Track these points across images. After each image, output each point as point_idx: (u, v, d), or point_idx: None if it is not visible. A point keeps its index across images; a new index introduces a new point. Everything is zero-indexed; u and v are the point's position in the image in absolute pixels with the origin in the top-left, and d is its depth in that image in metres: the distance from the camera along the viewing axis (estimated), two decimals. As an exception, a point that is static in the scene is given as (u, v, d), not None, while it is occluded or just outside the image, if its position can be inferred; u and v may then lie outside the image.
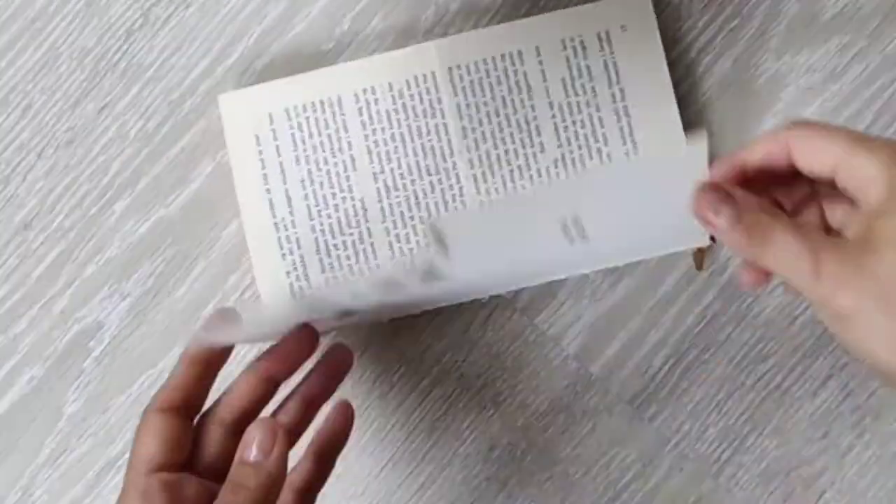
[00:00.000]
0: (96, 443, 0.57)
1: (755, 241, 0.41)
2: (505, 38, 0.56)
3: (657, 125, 0.55)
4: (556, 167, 0.55)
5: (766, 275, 0.44)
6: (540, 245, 0.46)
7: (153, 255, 0.58)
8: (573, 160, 0.55)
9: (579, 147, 0.55)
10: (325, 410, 0.51)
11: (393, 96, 0.56)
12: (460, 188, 0.55)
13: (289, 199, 0.56)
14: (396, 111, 0.56)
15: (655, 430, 0.58)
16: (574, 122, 0.55)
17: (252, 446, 0.44)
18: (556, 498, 0.57)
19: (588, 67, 0.56)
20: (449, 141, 0.55)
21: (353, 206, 0.55)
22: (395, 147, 0.56)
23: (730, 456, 0.58)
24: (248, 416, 0.48)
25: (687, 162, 0.45)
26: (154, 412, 0.46)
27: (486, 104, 0.56)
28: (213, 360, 0.48)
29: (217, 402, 0.48)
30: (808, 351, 0.57)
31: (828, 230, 0.44)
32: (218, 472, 0.46)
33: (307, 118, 0.56)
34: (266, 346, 0.49)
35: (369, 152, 0.56)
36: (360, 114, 0.56)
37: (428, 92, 0.56)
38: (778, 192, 0.46)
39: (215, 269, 0.58)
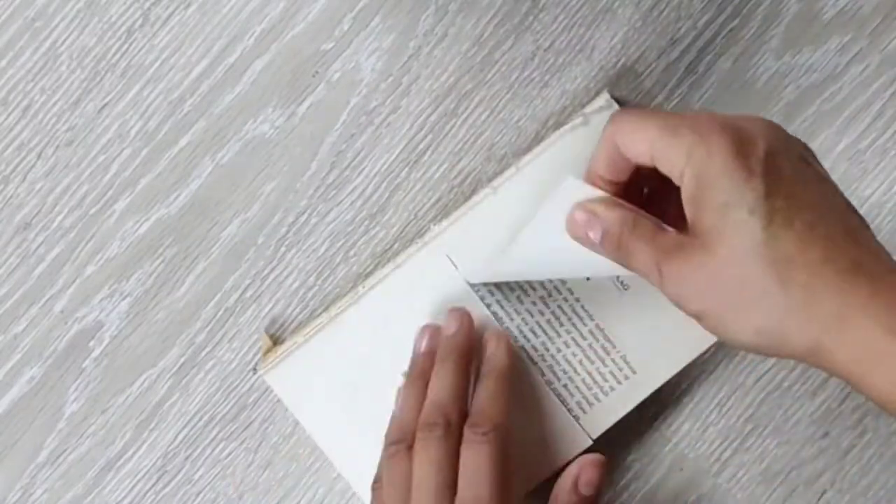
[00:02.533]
0: (96, 443, 0.57)
1: (620, 253, 0.46)
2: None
3: None
4: None
5: None
6: None
7: (153, 255, 0.58)
8: None
9: None
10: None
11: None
12: None
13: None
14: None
15: (655, 430, 0.58)
16: None
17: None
18: (557, 498, 0.57)
19: None
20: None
21: None
22: None
23: (730, 456, 0.58)
24: None
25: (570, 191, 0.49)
26: None
27: None
28: None
29: None
30: (808, 351, 0.57)
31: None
32: None
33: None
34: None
35: None
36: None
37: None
38: (646, 182, 0.49)
39: (215, 269, 0.58)
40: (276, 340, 0.57)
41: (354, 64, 0.58)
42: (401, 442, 0.51)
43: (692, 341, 0.55)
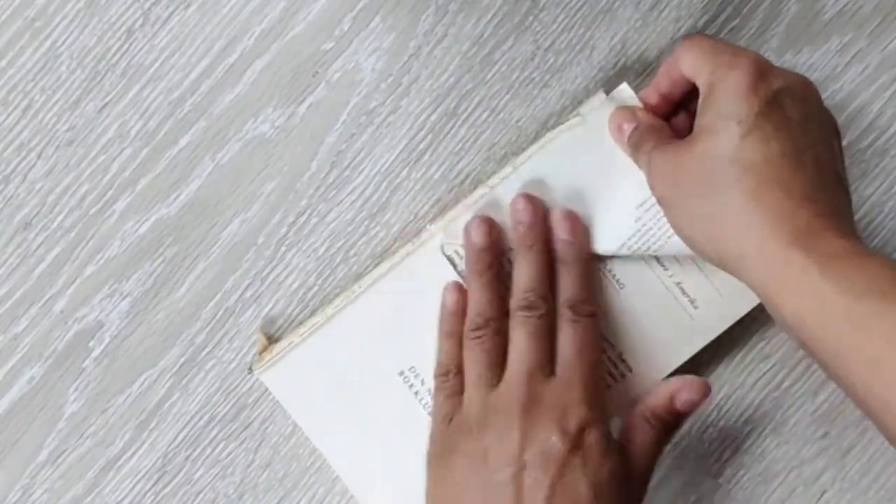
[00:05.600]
0: (96, 443, 0.57)
1: (633, 148, 0.52)
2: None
3: None
4: None
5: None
6: None
7: (153, 255, 0.58)
8: None
9: None
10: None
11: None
12: None
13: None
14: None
15: (656, 429, 0.58)
16: None
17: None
18: (557, 498, 0.57)
19: None
20: None
21: None
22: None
23: (730, 456, 0.58)
24: None
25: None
26: None
27: None
28: None
29: None
30: (808, 351, 0.57)
31: None
32: None
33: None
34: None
35: None
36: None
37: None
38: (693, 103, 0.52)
39: (215, 269, 0.58)
40: (271, 339, 0.57)
41: (354, 64, 0.58)
42: (486, 326, 0.53)
43: (688, 340, 0.55)
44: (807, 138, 0.46)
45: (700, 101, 0.49)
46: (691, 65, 0.50)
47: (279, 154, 0.58)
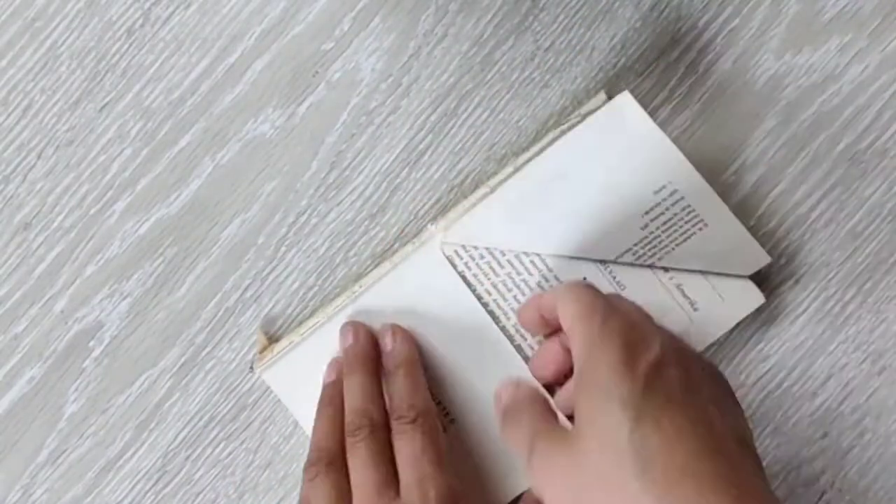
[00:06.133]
0: (96, 443, 0.58)
1: (505, 417, 0.49)
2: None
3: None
4: None
5: None
6: None
7: (153, 255, 0.58)
8: None
9: None
10: None
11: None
12: None
13: None
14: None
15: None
16: None
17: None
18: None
19: None
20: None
21: None
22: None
23: (730, 456, 0.58)
24: None
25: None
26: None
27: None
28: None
29: None
30: (808, 351, 0.57)
31: None
32: None
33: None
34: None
35: None
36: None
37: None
38: None
39: (215, 269, 0.58)
40: (272, 339, 0.57)
41: (354, 64, 0.58)
42: (318, 461, 0.51)
43: (690, 341, 0.55)
44: (696, 397, 0.43)
45: (574, 381, 0.45)
46: (566, 326, 0.47)
47: (279, 154, 0.58)
